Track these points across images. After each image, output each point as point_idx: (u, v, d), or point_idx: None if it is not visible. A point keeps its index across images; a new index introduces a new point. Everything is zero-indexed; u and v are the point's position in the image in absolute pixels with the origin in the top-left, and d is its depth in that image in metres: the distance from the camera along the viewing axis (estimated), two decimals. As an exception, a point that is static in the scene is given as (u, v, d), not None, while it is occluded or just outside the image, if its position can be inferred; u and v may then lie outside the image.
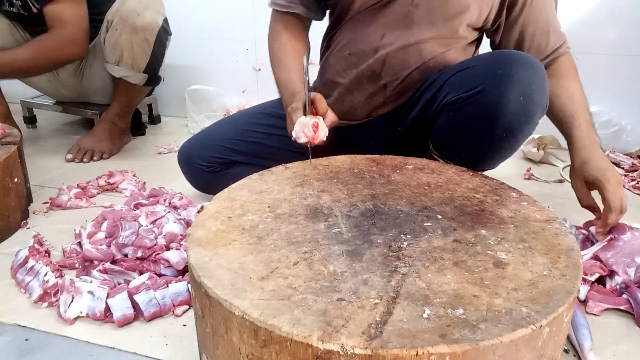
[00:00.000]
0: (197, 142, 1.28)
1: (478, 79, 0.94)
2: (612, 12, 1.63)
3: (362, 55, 1.11)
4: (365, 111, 1.16)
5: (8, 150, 1.19)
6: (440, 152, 1.08)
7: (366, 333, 0.51)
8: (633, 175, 1.51)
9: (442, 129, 1.04)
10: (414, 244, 0.68)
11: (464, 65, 1.02)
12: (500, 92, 0.91)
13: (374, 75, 1.11)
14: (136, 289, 0.91)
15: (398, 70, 1.09)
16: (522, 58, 0.93)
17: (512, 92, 0.90)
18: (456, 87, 0.98)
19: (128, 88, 1.70)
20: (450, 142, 1.05)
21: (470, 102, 0.95)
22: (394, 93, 1.12)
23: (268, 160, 1.22)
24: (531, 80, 0.91)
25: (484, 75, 0.93)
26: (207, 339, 0.63)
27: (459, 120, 0.99)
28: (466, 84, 0.96)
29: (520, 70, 0.91)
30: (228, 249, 0.67)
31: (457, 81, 0.99)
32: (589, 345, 0.81)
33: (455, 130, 1.01)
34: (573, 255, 0.66)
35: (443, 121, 1.03)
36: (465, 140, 1.00)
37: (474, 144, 1.00)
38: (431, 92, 1.06)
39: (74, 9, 1.55)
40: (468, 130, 0.98)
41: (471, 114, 0.96)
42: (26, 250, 1.02)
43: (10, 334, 0.87)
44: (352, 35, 1.12)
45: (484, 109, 0.93)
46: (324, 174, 0.90)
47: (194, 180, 1.31)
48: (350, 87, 1.14)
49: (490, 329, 0.52)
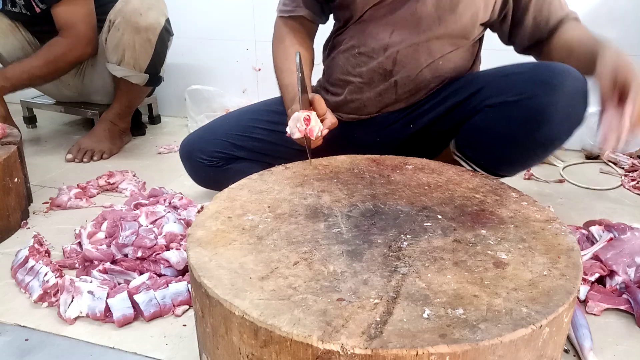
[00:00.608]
0: (199, 136, 1.27)
1: (528, 85, 0.96)
2: (612, 12, 1.63)
3: (372, 54, 1.11)
4: (375, 108, 1.16)
5: (8, 150, 1.19)
6: (465, 154, 1.09)
7: (366, 333, 0.51)
8: (633, 175, 1.51)
9: (476, 130, 1.04)
10: (414, 244, 0.68)
11: (506, 72, 1.02)
12: (550, 100, 0.93)
13: (385, 72, 1.11)
14: (136, 289, 0.91)
15: (410, 68, 1.10)
16: (571, 70, 0.96)
17: (561, 101, 0.93)
18: (501, 91, 0.99)
19: (129, 88, 1.70)
20: (482, 144, 1.05)
21: (518, 106, 0.96)
22: (405, 91, 1.12)
23: (271, 157, 1.23)
24: (579, 94, 0.95)
25: (535, 82, 0.96)
26: (207, 339, 0.63)
27: (500, 122, 1.00)
28: (513, 88, 0.97)
29: (570, 82, 0.94)
30: (228, 249, 0.67)
31: (502, 85, 1.00)
32: (589, 345, 0.81)
33: (491, 132, 1.02)
34: (573, 255, 0.66)
35: (479, 122, 1.03)
36: (499, 142, 1.01)
37: (509, 147, 1.01)
38: (461, 95, 1.07)
39: (83, 8, 1.56)
40: (508, 133, 0.99)
41: (516, 117, 0.97)
42: (26, 250, 1.02)
43: (10, 334, 0.87)
44: (361, 34, 1.12)
45: (532, 114, 0.95)
46: (324, 174, 0.90)
47: (195, 175, 1.30)
48: (360, 85, 1.14)
49: (490, 329, 0.52)
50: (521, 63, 1.06)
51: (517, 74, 1.00)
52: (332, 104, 1.21)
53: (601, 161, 1.64)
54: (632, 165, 1.57)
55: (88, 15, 1.58)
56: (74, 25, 1.56)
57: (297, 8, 1.16)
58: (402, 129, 1.17)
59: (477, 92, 1.05)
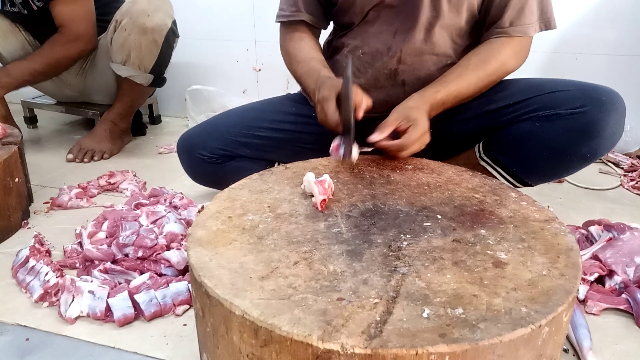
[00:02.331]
0: (201, 132, 1.24)
1: (580, 101, 1.00)
2: (612, 12, 1.63)
3: (376, 54, 1.11)
4: (384, 108, 1.16)
5: (9, 150, 1.19)
6: (495, 158, 1.10)
7: (366, 332, 0.52)
8: (632, 175, 1.51)
9: (519, 138, 1.06)
10: (414, 244, 0.68)
11: (552, 88, 1.05)
12: (602, 117, 0.98)
13: (390, 72, 1.11)
14: (137, 288, 0.91)
15: (416, 67, 1.10)
16: (616, 92, 1.02)
17: (612, 119, 0.99)
18: (553, 105, 1.02)
19: (132, 88, 1.70)
20: (522, 152, 1.07)
21: (570, 118, 1.00)
22: (414, 89, 1.12)
23: (273, 155, 1.22)
24: (623, 114, 1.01)
25: (587, 99, 1.00)
26: (208, 339, 0.63)
27: (549, 133, 1.02)
28: (566, 103, 1.01)
29: (618, 102, 1.00)
30: (228, 248, 0.67)
31: (554, 100, 1.03)
32: (588, 345, 0.81)
33: (538, 142, 1.04)
34: (572, 255, 0.66)
35: (523, 131, 1.05)
36: (544, 152, 1.04)
37: (552, 158, 1.04)
38: (496, 104, 1.08)
39: (81, 4, 1.57)
40: (555, 144, 1.02)
41: (567, 128, 1.00)
42: (27, 250, 1.02)
43: (11, 334, 0.88)
44: (364, 35, 1.12)
45: (584, 126, 0.99)
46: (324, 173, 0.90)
47: (192, 170, 1.28)
48: (367, 87, 1.14)
49: (489, 329, 0.52)
50: (567, 80, 1.09)
51: (566, 90, 1.03)
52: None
53: (600, 161, 1.65)
54: (631, 165, 1.57)
55: (87, 11, 1.59)
56: (73, 22, 1.57)
57: (297, 13, 1.16)
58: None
59: (520, 102, 1.06)
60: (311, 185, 0.80)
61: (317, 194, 0.78)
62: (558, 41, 1.70)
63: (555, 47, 1.71)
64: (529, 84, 1.09)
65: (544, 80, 1.09)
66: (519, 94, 1.07)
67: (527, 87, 1.08)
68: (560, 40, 1.70)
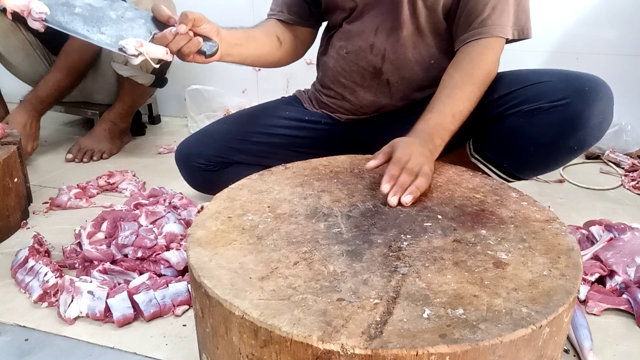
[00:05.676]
0: (196, 141, 1.27)
1: (562, 92, 0.98)
2: (612, 12, 1.63)
3: (359, 52, 1.12)
4: (372, 108, 1.16)
5: (8, 150, 1.19)
6: (484, 155, 1.10)
7: (366, 333, 0.51)
8: (633, 175, 1.51)
9: (507, 133, 1.05)
10: (414, 244, 0.68)
11: (533, 77, 1.03)
12: (586, 107, 0.96)
13: (375, 71, 1.12)
14: (136, 289, 0.91)
15: (399, 66, 1.10)
16: (601, 80, 1.00)
17: (596, 109, 0.96)
18: (536, 98, 1.00)
19: (134, 88, 1.70)
20: (510, 147, 1.06)
21: (553, 111, 0.98)
22: (399, 89, 1.12)
23: (269, 160, 1.22)
24: (609, 102, 0.99)
25: (569, 90, 0.98)
26: (207, 339, 0.63)
27: (534, 126, 1.01)
28: (548, 95, 0.99)
29: (603, 91, 0.98)
30: (228, 249, 0.67)
31: (535, 92, 1.01)
32: (589, 345, 0.81)
33: (524, 136, 1.03)
34: (573, 255, 0.66)
35: (510, 126, 1.04)
36: (531, 146, 1.03)
37: (540, 151, 1.03)
38: (485, 99, 1.04)
39: None
40: (542, 138, 1.01)
41: (551, 122, 0.99)
42: (26, 250, 1.02)
43: (10, 334, 0.87)
44: (347, 34, 1.13)
45: (568, 119, 0.98)
46: (324, 174, 0.90)
47: (191, 179, 1.31)
48: (353, 86, 1.15)
49: (490, 329, 0.52)
50: (548, 70, 1.07)
51: (549, 82, 1.01)
52: (329, 105, 1.22)
53: (601, 161, 1.64)
54: (632, 165, 1.57)
55: None
56: None
57: (279, 13, 1.18)
58: (404, 127, 1.16)
59: (503, 96, 1.04)
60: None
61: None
62: (558, 41, 1.70)
63: (555, 47, 1.71)
64: (514, 76, 1.07)
65: (530, 72, 1.07)
66: (503, 88, 1.06)
67: (511, 79, 1.06)
68: (560, 40, 1.70)
